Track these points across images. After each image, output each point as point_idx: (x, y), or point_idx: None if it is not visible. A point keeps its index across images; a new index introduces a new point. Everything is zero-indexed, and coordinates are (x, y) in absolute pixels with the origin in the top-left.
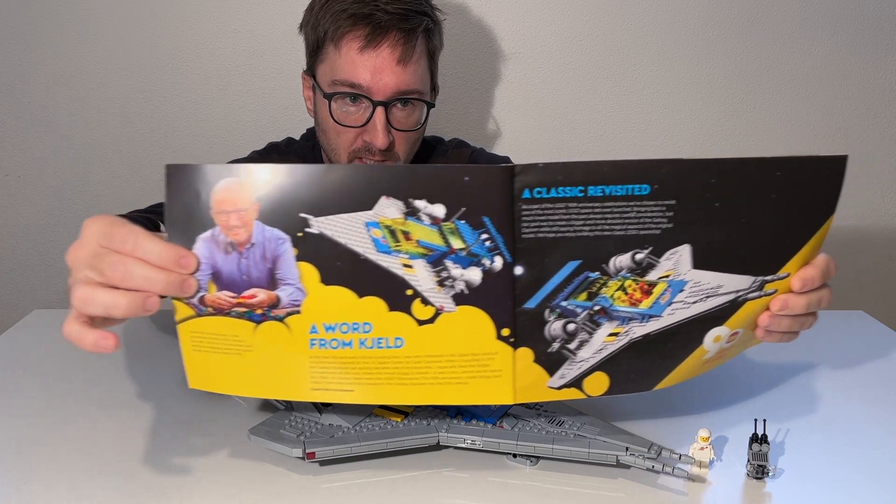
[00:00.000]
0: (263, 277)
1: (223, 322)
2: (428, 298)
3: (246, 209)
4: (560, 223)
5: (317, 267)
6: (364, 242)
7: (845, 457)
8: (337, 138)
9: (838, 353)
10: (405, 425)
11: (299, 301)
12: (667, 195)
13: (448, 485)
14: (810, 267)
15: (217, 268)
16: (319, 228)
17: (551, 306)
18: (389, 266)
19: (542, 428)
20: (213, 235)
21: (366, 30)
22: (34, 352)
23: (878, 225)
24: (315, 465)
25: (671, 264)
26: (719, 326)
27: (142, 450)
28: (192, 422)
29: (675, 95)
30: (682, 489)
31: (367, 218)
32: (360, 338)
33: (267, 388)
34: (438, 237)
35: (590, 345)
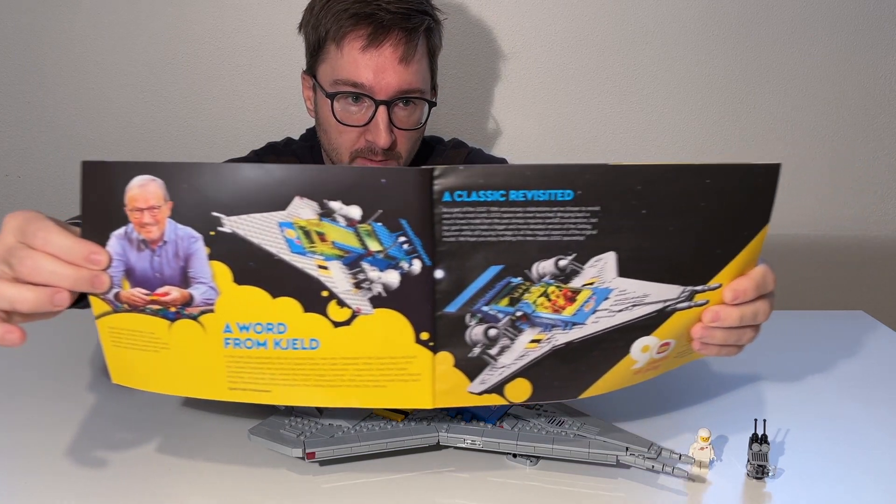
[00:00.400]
0: (176, 275)
1: (139, 319)
2: (344, 300)
3: (159, 207)
4: (482, 227)
5: (230, 266)
6: (278, 243)
7: (845, 457)
8: (339, 138)
9: (838, 353)
10: (405, 425)
11: (213, 300)
12: (591, 201)
13: (448, 485)
14: (744, 278)
15: (130, 265)
16: (232, 228)
17: (472, 311)
18: (304, 267)
19: (542, 428)
20: (126, 232)
21: (368, 29)
22: (34, 352)
23: (877, 225)
24: (315, 465)
25: (596, 271)
26: (647, 336)
27: (141, 450)
28: (191, 422)
29: (675, 95)
30: (682, 489)
31: (280, 218)
32: (274, 338)
33: (185, 387)
34: (354, 239)
35: (511, 351)
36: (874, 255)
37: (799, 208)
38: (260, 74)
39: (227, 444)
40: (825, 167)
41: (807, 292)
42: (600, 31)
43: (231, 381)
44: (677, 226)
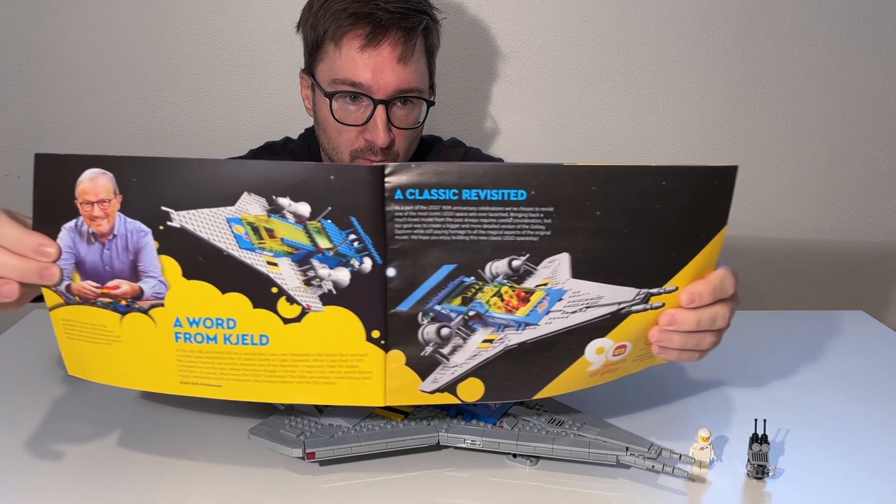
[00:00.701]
0: (126, 269)
1: (91, 311)
2: (294, 297)
3: (109, 200)
4: (434, 226)
5: (178, 261)
6: (226, 238)
7: (845, 457)
8: (338, 137)
9: (838, 353)
10: (405, 425)
11: (162, 294)
12: (544, 202)
13: (448, 485)
14: (700, 282)
15: (80, 257)
16: (181, 222)
17: (425, 310)
18: (253, 263)
19: (542, 428)
20: (76, 225)
21: (366, 29)
22: (34, 352)
23: (877, 225)
24: (315, 465)
25: (549, 272)
26: (602, 338)
27: (142, 449)
28: (192, 422)
29: (675, 95)
30: (682, 489)
31: (228, 214)
32: (224, 333)
33: (138, 380)
34: (304, 236)
35: (463, 350)
36: (874, 255)
37: (799, 208)
38: (260, 74)
39: (227, 444)
40: (825, 167)
41: (807, 292)
42: (600, 31)
43: (183, 375)
44: (632, 228)
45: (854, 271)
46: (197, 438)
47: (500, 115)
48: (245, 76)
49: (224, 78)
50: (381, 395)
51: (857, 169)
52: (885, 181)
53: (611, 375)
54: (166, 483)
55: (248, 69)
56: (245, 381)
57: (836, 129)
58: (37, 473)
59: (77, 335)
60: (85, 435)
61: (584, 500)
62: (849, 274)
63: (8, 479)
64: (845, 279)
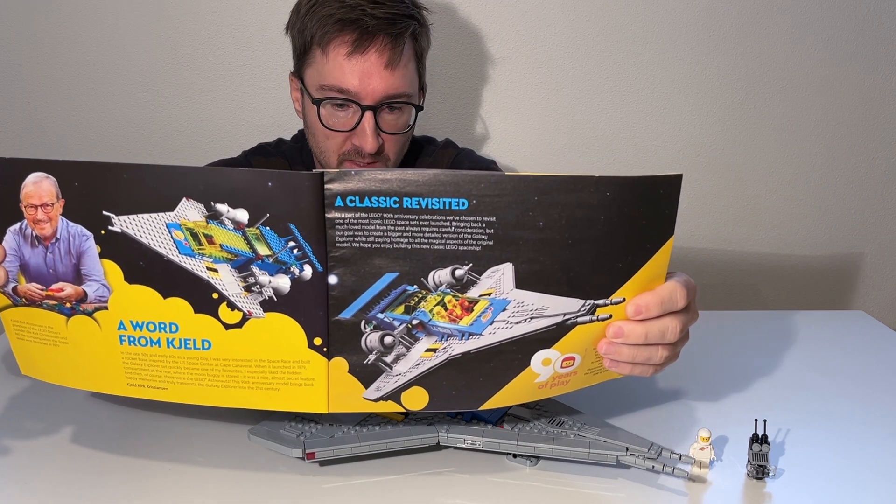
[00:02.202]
0: (69, 272)
1: (37, 313)
2: (234, 303)
3: (52, 204)
4: (376, 233)
5: (120, 265)
6: (166, 244)
7: (845, 457)
8: (326, 142)
9: (838, 353)
10: (405, 425)
11: (106, 297)
12: (486, 212)
13: (448, 485)
14: (648, 294)
15: (24, 260)
16: (122, 227)
17: (367, 318)
18: (193, 269)
19: (542, 428)
20: (20, 228)
21: (353, 35)
22: None
23: (877, 225)
24: (315, 465)
25: (492, 282)
26: (548, 349)
27: (142, 450)
28: (192, 422)
29: (672, 97)
30: (682, 489)
31: (168, 219)
32: (167, 337)
33: (87, 381)
34: (243, 242)
35: (407, 359)
36: (874, 255)
37: (799, 208)
38: (259, 75)
39: (227, 444)
40: (825, 167)
41: (807, 292)
42: (595, 33)
43: (129, 378)
44: (576, 239)
45: (854, 271)
46: (197, 439)
47: (492, 117)
48: (245, 76)
49: (224, 78)
50: (324, 401)
51: (857, 169)
52: (885, 181)
53: (561, 388)
54: (167, 484)
55: (248, 69)
56: (189, 385)
57: (835, 129)
58: (35, 472)
59: (26, 336)
60: (84, 434)
61: (584, 500)
62: (849, 274)
63: (8, 479)
64: (845, 279)
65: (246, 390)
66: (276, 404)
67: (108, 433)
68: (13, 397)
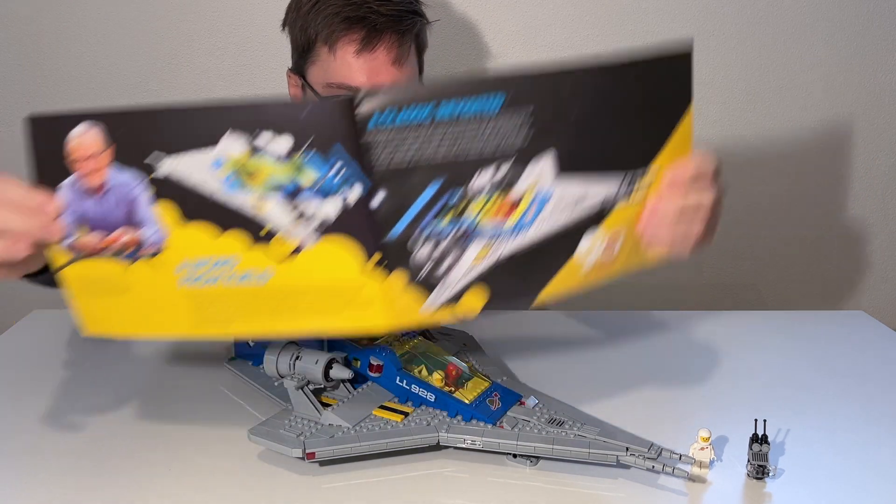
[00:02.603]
0: (124, 219)
1: (98, 265)
2: (286, 233)
3: (99, 154)
4: (414, 147)
5: (174, 206)
6: (213, 181)
7: (845, 457)
8: None
9: (838, 353)
10: (405, 425)
11: (162, 240)
12: (523, 102)
13: (448, 485)
14: (680, 160)
15: (81, 212)
16: (169, 169)
17: (417, 232)
18: (242, 203)
19: (542, 428)
20: (73, 181)
21: (361, 33)
22: (34, 352)
23: (878, 225)
24: (315, 465)
25: (534, 177)
26: (591, 234)
27: (141, 450)
28: (191, 422)
29: None
30: (682, 489)
31: (212, 157)
32: (226, 273)
33: (153, 327)
34: (287, 172)
35: (459, 266)
36: (874, 255)
37: (798, 208)
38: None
39: (228, 444)
40: (825, 167)
41: (807, 292)
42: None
43: (195, 318)
44: (608, 121)
45: (854, 271)
46: (197, 438)
47: None
48: (245, 76)
49: (225, 78)
50: (385, 320)
51: (857, 169)
52: (886, 181)
53: (605, 273)
54: (166, 483)
55: (248, 69)
56: (253, 318)
57: (836, 129)
58: (36, 473)
59: (89, 291)
60: (85, 435)
61: (584, 500)
62: (849, 274)
63: (8, 479)
64: (845, 279)
65: (308, 316)
66: (338, 327)
67: (109, 433)
68: (13, 398)
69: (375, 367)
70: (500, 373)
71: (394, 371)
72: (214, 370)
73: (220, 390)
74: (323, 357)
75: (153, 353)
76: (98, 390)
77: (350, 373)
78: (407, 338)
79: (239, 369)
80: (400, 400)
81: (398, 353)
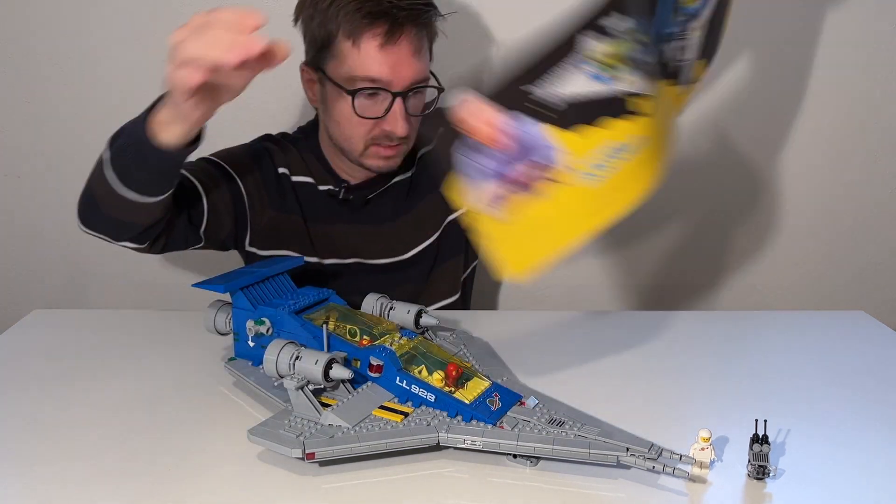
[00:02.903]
0: (520, 155)
1: (513, 207)
2: (644, 96)
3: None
4: None
5: (552, 122)
6: (584, 81)
7: (845, 457)
8: (354, 129)
9: (838, 353)
10: (405, 425)
11: (558, 159)
12: None
13: (448, 485)
14: None
15: (492, 171)
16: (543, 91)
17: (665, 38)
18: (612, 89)
19: (542, 428)
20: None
21: (384, 27)
22: (34, 352)
23: (878, 225)
24: (315, 465)
25: None
26: None
27: (141, 450)
28: (191, 422)
29: None
30: (682, 490)
31: (575, 60)
32: (621, 157)
33: (562, 242)
34: (638, 42)
35: (689, 47)
36: (874, 255)
37: (798, 208)
38: None
39: (228, 444)
40: (825, 167)
41: (807, 292)
42: None
43: (602, 209)
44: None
45: (854, 271)
46: (197, 438)
47: None
48: None
49: None
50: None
51: (857, 169)
52: (885, 181)
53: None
54: (166, 483)
55: None
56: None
57: (835, 129)
58: (37, 473)
59: (507, 236)
60: (85, 435)
61: (584, 500)
62: (849, 274)
63: (9, 479)
64: (845, 279)
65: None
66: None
67: (109, 433)
68: (14, 399)
69: (375, 367)
70: (500, 373)
71: (394, 371)
72: (214, 370)
73: (220, 390)
74: (323, 357)
75: (153, 353)
76: (96, 390)
77: (350, 373)
78: (407, 338)
79: (239, 369)
80: (400, 400)
81: (398, 353)
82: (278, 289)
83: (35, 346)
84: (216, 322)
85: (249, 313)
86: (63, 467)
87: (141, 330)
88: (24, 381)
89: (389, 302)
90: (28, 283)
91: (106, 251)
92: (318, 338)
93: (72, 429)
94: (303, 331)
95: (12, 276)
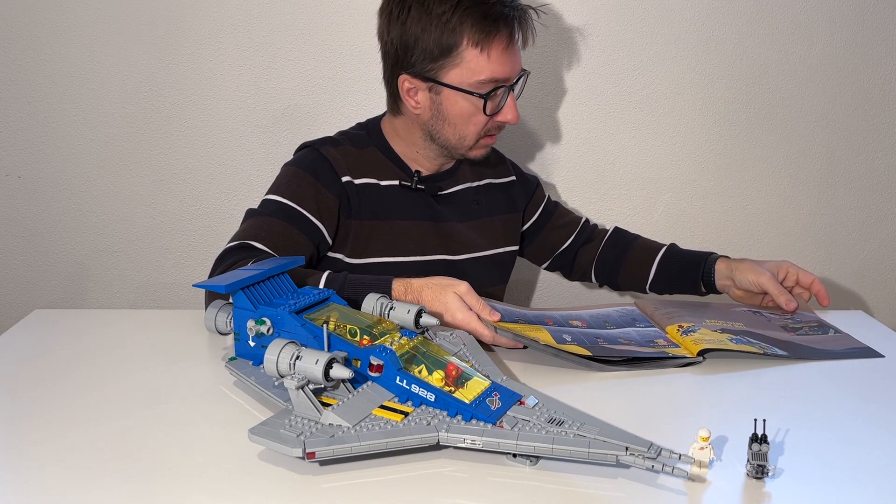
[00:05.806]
0: None
1: None
2: None
3: None
4: None
5: None
6: None
7: (845, 457)
8: (471, 127)
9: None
10: (405, 425)
11: None
12: None
13: (448, 485)
14: None
15: None
16: None
17: None
18: None
19: (542, 428)
20: None
21: (508, 30)
22: (34, 352)
23: (877, 225)
24: (315, 465)
25: None
26: None
27: (141, 450)
28: (191, 422)
29: (674, 95)
30: (681, 489)
31: None
32: None
33: None
34: None
35: None
36: (874, 255)
37: (798, 208)
38: (259, 74)
39: (228, 444)
40: (825, 167)
41: None
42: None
43: None
44: None
45: (854, 271)
46: (197, 438)
47: None
48: (245, 76)
49: (225, 78)
50: None
51: (857, 169)
52: (885, 181)
53: None
54: (167, 483)
55: (248, 69)
56: None
57: (835, 129)
58: (38, 473)
59: None
60: (85, 434)
61: (584, 500)
62: (849, 274)
63: (9, 479)
64: (845, 279)
65: None
66: None
67: (108, 433)
68: (14, 398)
69: (375, 367)
70: (500, 373)
71: (394, 371)
72: (214, 370)
73: (220, 390)
74: (323, 357)
75: (153, 353)
76: (97, 390)
77: (350, 373)
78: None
79: (239, 369)
80: (400, 400)
81: (398, 352)
82: (279, 289)
83: (35, 346)
84: (217, 322)
85: (250, 313)
86: (63, 467)
87: (141, 330)
88: (24, 381)
89: (389, 302)
90: (28, 283)
91: (106, 251)
92: (319, 337)
93: (72, 428)
94: (303, 330)
95: (12, 276)
